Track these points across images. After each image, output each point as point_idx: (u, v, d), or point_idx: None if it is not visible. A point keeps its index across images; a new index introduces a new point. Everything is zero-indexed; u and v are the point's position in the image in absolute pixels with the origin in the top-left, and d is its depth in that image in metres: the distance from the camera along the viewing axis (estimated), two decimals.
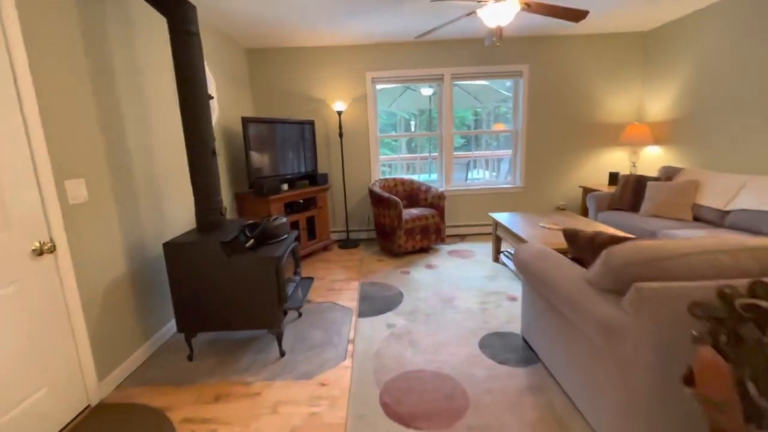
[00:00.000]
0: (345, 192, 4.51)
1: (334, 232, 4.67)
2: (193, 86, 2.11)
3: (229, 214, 3.60)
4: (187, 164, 2.16)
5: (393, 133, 4.87)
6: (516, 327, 2.42)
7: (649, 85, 4.27)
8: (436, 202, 4.10)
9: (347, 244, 4.44)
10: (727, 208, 2.93)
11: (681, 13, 3.67)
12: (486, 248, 4.12)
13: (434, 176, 4.87)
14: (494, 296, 2.90)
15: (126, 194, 2.16)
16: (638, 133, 4.16)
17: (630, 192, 3.62)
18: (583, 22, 3.82)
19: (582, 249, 1.75)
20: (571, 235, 1.79)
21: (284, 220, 2.37)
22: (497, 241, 3.65)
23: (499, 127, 4.95)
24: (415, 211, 3.96)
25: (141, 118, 2.32)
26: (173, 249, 2.07)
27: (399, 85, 4.63)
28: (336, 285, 3.28)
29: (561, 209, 4.68)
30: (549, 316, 1.82)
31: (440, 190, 4.12)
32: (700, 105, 3.59)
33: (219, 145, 3.43)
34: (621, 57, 4.31)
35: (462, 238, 4.59)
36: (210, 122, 2.21)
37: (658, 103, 4.14)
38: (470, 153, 4.86)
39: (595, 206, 3.82)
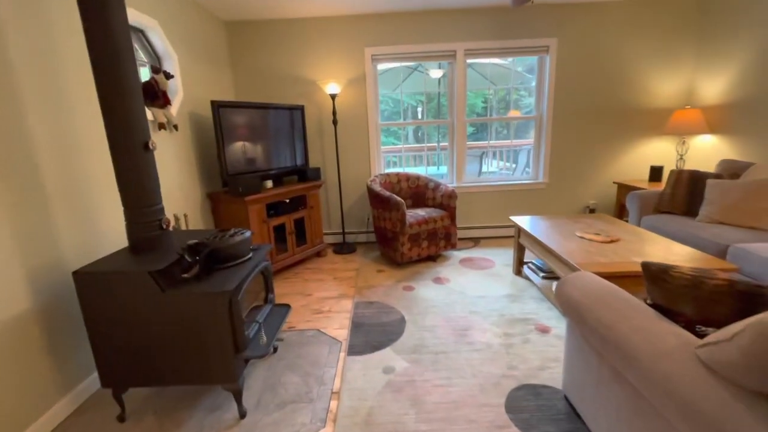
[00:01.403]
0: (340, 188, 3.92)
1: (329, 234, 4.10)
2: (114, 59, 1.51)
3: (203, 217, 3.05)
4: (112, 164, 1.59)
5: (400, 120, 4.24)
6: (553, 377, 1.83)
7: (704, 62, 3.57)
8: (445, 202, 3.49)
9: (343, 248, 3.87)
10: None
11: None
12: (504, 255, 3.52)
13: (443, 169, 4.26)
14: (520, 326, 2.31)
15: (28, 204, 1.60)
16: (688, 119, 3.49)
17: (684, 191, 2.97)
18: None
19: (675, 296, 1.14)
20: (656, 273, 1.19)
21: (247, 234, 1.79)
22: (520, 251, 3.04)
23: (515, 114, 4.29)
24: (421, 213, 3.36)
25: (54, 108, 1.74)
26: (87, 280, 1.51)
27: (404, 65, 3.99)
28: (325, 305, 2.72)
29: (591, 210, 4.04)
30: (617, 390, 1.23)
31: (451, 187, 3.51)
32: (766, 84, 2.91)
33: (185, 135, 2.85)
34: (668, 27, 3.60)
35: (476, 242, 3.98)
36: (141, 106, 1.62)
37: (715, 83, 3.45)
38: (484, 143, 4.21)
39: (637, 208, 3.18)
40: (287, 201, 3.38)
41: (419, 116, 4.32)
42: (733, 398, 0.81)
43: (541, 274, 2.83)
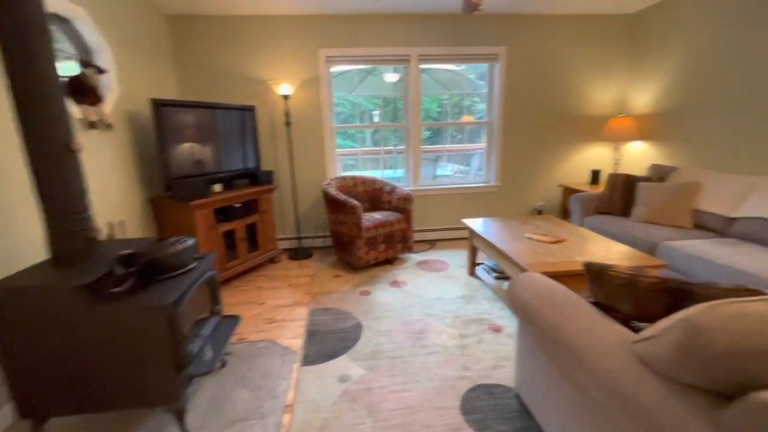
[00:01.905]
0: (295, 192, 3.82)
1: (283, 239, 3.97)
2: (26, 50, 1.35)
3: (143, 225, 2.82)
4: (30, 168, 1.41)
5: (357, 123, 4.21)
6: (506, 375, 1.88)
7: (634, 75, 3.88)
8: (402, 205, 3.50)
9: (298, 253, 3.76)
10: (734, 215, 2.55)
11: None
12: (460, 256, 3.60)
13: (400, 172, 4.29)
14: (474, 326, 2.35)
15: None
16: (622, 127, 3.77)
17: (620, 194, 3.20)
18: (564, 1, 3.33)
19: (614, 294, 1.21)
20: (597, 273, 1.25)
21: (189, 242, 1.67)
22: (473, 252, 3.12)
23: (468, 119, 4.42)
24: (377, 216, 3.35)
25: None
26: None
27: (359, 68, 3.97)
28: (279, 313, 2.61)
29: (539, 212, 4.24)
30: (565, 388, 1.27)
31: (407, 190, 3.54)
32: (692, 97, 3.22)
33: (122, 135, 2.63)
34: (604, 42, 3.89)
35: (432, 244, 4.04)
36: (62, 104, 1.46)
37: (644, 94, 3.76)
38: (439, 147, 4.30)
39: (580, 209, 3.38)
40: (238, 205, 3.22)
41: (375, 119, 4.31)
42: (668, 392, 0.86)
43: (494, 275, 2.92)
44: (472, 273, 3.16)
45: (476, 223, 2.99)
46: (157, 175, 3.04)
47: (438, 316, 2.49)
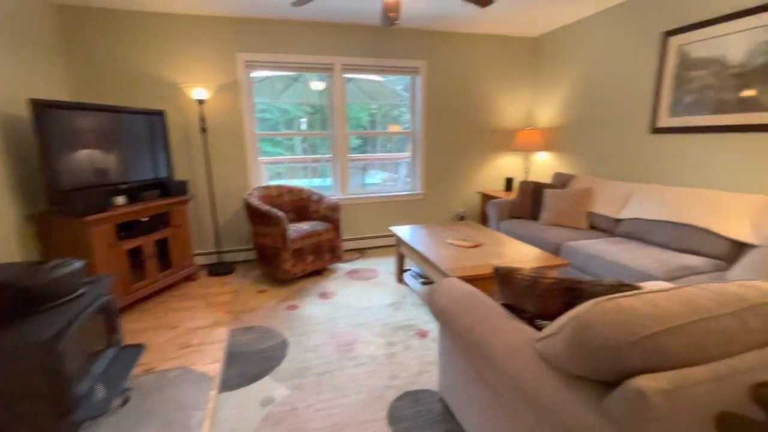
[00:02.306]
0: (214, 203, 3.57)
1: (201, 254, 3.67)
2: None
3: (21, 247, 2.40)
4: None
5: (286, 131, 4.07)
6: (431, 380, 1.93)
7: (538, 91, 4.31)
8: (330, 215, 3.45)
9: (219, 269, 3.50)
10: (619, 217, 2.94)
11: (565, 21, 3.70)
12: (389, 264, 3.65)
13: (329, 181, 4.24)
14: (402, 333, 2.38)
15: None
16: (529, 138, 4.15)
17: (529, 199, 3.51)
18: (476, 21, 3.60)
19: (520, 295, 1.30)
20: (504, 277, 1.33)
21: (76, 265, 1.45)
22: (401, 259, 3.18)
23: (395, 128, 4.53)
24: (305, 227, 3.26)
25: None
26: None
27: (283, 74, 3.86)
28: (195, 336, 2.40)
29: (461, 218, 4.48)
30: (481, 388, 1.33)
31: (335, 199, 3.50)
32: (584, 112, 3.67)
33: None
34: (512, 61, 4.26)
35: (362, 253, 4.04)
36: None
37: (547, 109, 4.19)
38: (367, 155, 4.35)
39: (496, 214, 3.64)
40: (145, 219, 2.91)
41: (303, 127, 4.22)
42: (563, 385, 0.93)
43: (420, 280, 3.00)
44: (400, 280, 3.22)
45: (402, 231, 3.06)
46: (44, 188, 2.63)
47: (367, 326, 2.48)
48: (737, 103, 2.44)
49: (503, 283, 1.34)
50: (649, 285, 1.79)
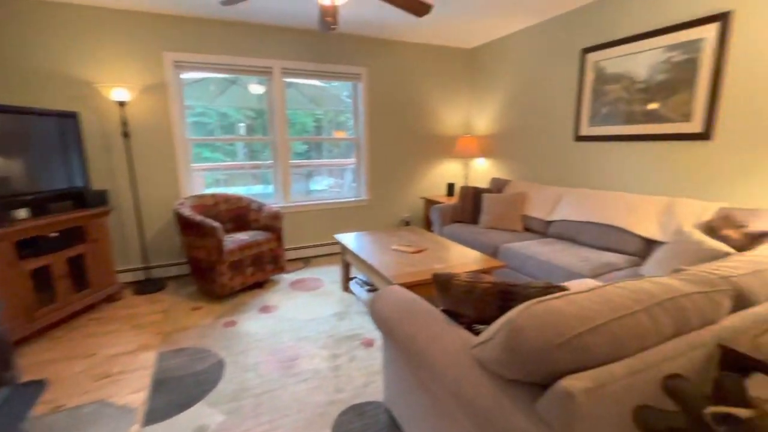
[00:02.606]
0: (139, 215, 3.26)
1: (126, 271, 3.33)
2: None
3: None
4: None
5: (226, 135, 3.84)
6: (377, 390, 1.89)
7: (475, 100, 4.51)
8: (271, 224, 3.31)
9: (147, 287, 3.20)
10: (550, 219, 3.14)
11: (497, 35, 3.91)
12: (334, 272, 3.57)
13: (272, 188, 4.07)
14: (347, 343, 2.33)
15: None
16: (468, 145, 4.32)
17: (470, 204, 3.63)
18: (415, 30, 3.68)
19: (458, 301, 1.31)
20: (442, 284, 1.34)
21: None
22: (346, 267, 3.12)
23: (340, 134, 4.49)
24: (243, 237, 3.08)
25: None
26: None
27: (220, 77, 3.64)
28: (116, 364, 2.15)
29: (406, 223, 4.53)
30: (424, 397, 1.32)
31: (276, 207, 3.36)
32: (517, 121, 3.89)
33: None
34: (451, 70, 4.42)
35: (307, 262, 3.92)
36: None
37: (483, 117, 4.39)
38: (311, 161, 4.25)
39: (439, 219, 3.72)
40: (54, 235, 2.57)
41: (242, 132, 4.01)
42: (499, 390, 0.94)
43: (366, 288, 2.97)
44: (346, 288, 3.16)
45: (347, 238, 3.01)
46: None
47: (311, 339, 2.39)
48: (644, 115, 2.73)
49: (442, 289, 1.35)
50: (575, 284, 1.92)
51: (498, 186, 3.80)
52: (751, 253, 1.46)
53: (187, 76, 3.50)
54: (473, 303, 1.27)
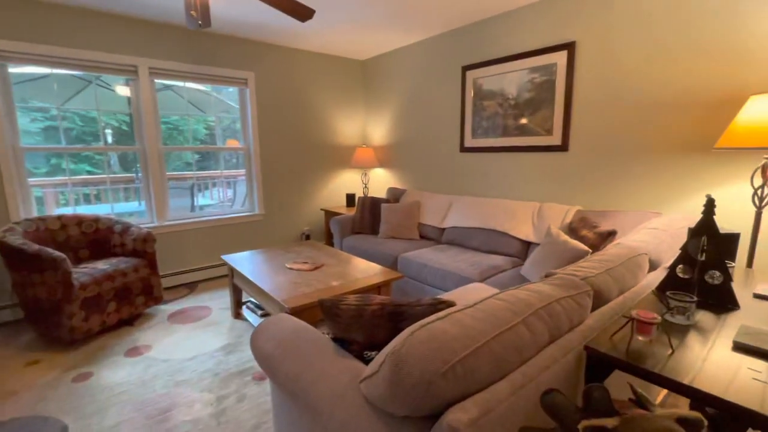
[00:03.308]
0: None
1: None
2: None
3: None
4: None
5: (95, 144, 3.13)
6: None
7: (370, 111, 4.54)
8: (140, 248, 2.82)
9: None
10: (443, 226, 3.28)
11: (386, 48, 4.01)
12: (224, 297, 3.20)
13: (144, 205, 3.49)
14: (236, 381, 2.05)
15: None
16: (365, 156, 4.33)
17: (368, 214, 3.61)
18: (304, 36, 3.56)
19: (347, 327, 1.21)
20: (329, 310, 1.22)
21: None
22: (236, 291, 2.81)
23: (234, 143, 4.10)
24: (103, 266, 2.55)
25: None
26: None
27: (68, 73, 2.99)
28: None
29: (307, 237, 4.33)
30: None
31: (146, 228, 2.88)
32: (409, 132, 4.02)
33: None
34: (345, 81, 4.39)
35: (192, 288, 3.45)
36: None
37: (379, 128, 4.45)
38: (195, 173, 3.76)
39: (339, 231, 3.62)
40: None
41: (109, 140, 3.35)
42: (389, 429, 0.85)
43: (260, 313, 2.70)
44: (237, 315, 2.84)
45: (235, 259, 2.71)
46: None
47: (191, 382, 2.05)
48: (516, 129, 3.02)
49: (330, 316, 1.23)
50: (466, 291, 1.98)
51: (395, 195, 3.86)
52: (602, 253, 1.66)
53: (19, 70, 2.81)
54: (363, 328, 1.18)
